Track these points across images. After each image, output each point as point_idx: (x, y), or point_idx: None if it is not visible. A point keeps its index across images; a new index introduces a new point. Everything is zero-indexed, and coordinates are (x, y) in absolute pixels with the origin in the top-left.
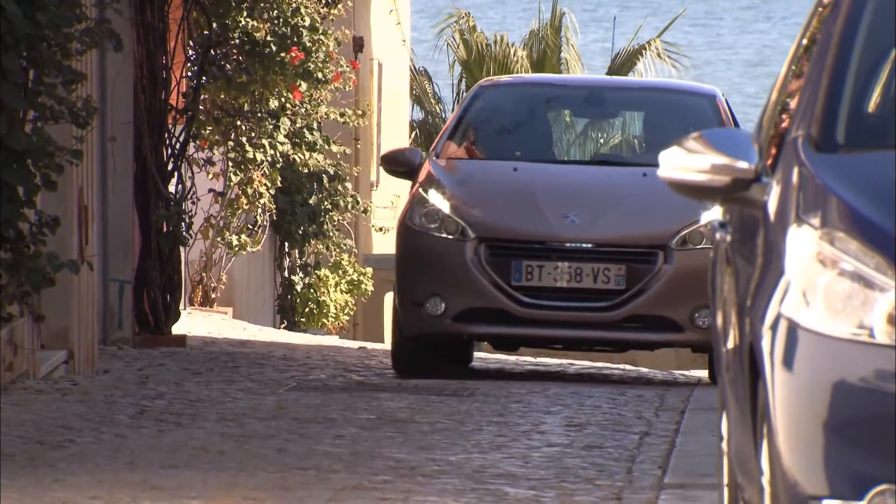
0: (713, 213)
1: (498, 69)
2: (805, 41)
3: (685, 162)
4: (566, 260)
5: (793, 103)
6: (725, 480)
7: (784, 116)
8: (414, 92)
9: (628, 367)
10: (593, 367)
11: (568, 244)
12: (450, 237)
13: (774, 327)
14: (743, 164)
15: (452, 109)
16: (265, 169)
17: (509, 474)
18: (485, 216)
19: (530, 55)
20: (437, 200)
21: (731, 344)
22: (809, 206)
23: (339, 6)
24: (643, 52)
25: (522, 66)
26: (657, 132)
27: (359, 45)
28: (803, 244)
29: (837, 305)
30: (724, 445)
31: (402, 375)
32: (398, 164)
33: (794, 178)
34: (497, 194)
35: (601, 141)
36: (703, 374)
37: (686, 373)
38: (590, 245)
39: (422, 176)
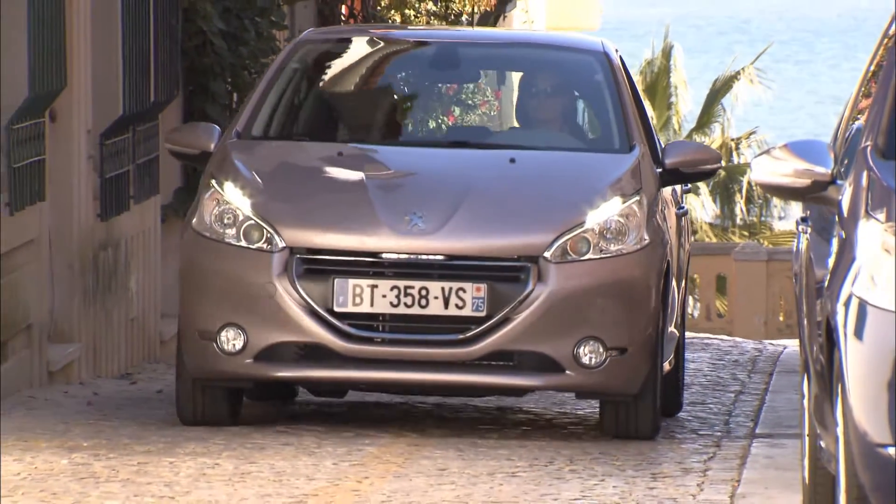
0: (603, 213)
1: None
2: (873, 67)
3: (772, 167)
4: (406, 278)
5: (863, 119)
6: (807, 431)
7: None
8: None
9: (725, 336)
10: (696, 337)
11: (409, 256)
12: (251, 247)
13: (847, 304)
14: (821, 169)
15: None
16: None
17: None
18: (298, 219)
19: (644, 80)
20: (235, 197)
21: (812, 318)
22: (876, 203)
23: None
24: (738, 76)
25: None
26: (531, 102)
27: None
28: (871, 235)
29: None
30: (806, 402)
31: (189, 425)
32: (185, 145)
33: (864, 180)
34: (315, 188)
35: (461, 115)
36: (790, 342)
37: (775, 342)
38: (439, 257)
39: (216, 163)
